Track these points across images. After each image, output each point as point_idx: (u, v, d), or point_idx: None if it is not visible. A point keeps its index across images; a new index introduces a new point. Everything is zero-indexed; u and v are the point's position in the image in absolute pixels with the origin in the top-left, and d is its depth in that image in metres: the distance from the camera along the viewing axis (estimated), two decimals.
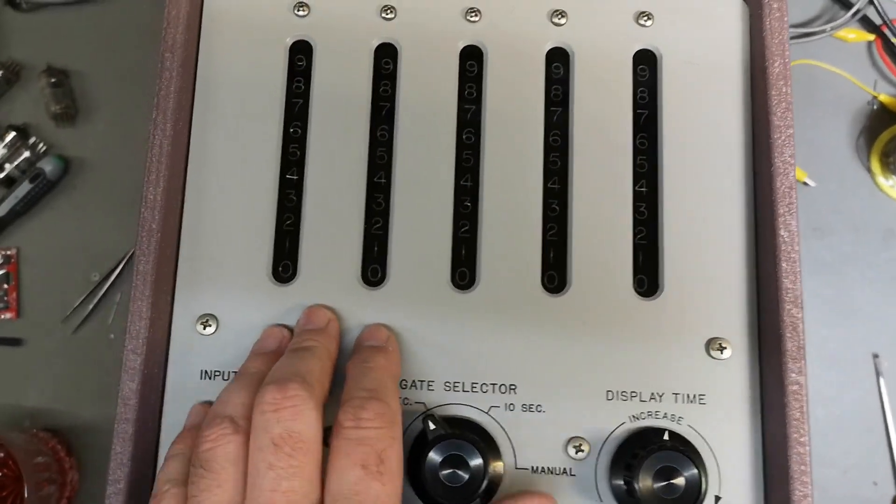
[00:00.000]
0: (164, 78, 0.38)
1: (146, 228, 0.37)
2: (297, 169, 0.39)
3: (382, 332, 0.37)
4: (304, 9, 0.40)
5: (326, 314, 0.37)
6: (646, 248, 0.38)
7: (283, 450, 0.30)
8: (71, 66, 0.58)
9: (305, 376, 0.32)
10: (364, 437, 0.30)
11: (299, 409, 0.30)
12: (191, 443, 0.33)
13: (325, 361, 0.34)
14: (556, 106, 0.40)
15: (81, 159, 0.56)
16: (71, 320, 0.54)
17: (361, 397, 0.32)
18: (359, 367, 0.34)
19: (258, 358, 0.36)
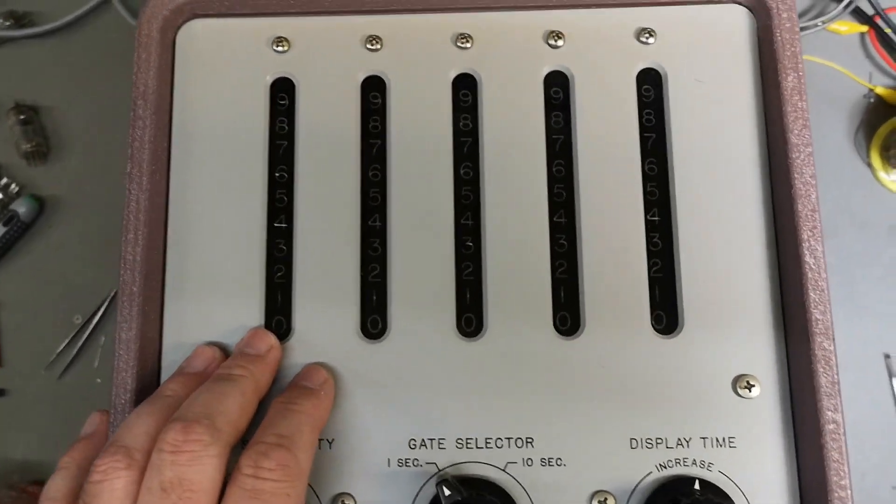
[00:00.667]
0: (136, 127, 0.35)
1: (126, 291, 0.34)
2: (285, 216, 0.37)
3: (320, 373, 0.34)
4: (284, 43, 0.38)
5: (269, 340, 0.34)
6: (662, 282, 0.36)
7: (169, 497, 0.28)
8: (40, 101, 0.55)
9: (216, 418, 0.30)
10: (259, 488, 0.28)
11: (198, 455, 0.29)
12: (79, 456, 0.32)
13: (247, 397, 0.32)
14: (557, 134, 0.37)
15: (56, 198, 0.54)
16: (55, 366, 0.52)
17: (268, 443, 0.30)
18: (280, 407, 0.32)
19: (179, 379, 0.33)
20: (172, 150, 0.37)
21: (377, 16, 0.38)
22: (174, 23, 0.38)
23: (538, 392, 0.35)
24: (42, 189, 0.54)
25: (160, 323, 0.35)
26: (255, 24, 0.38)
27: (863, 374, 0.52)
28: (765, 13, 0.37)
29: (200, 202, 0.36)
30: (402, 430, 0.34)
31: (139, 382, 0.34)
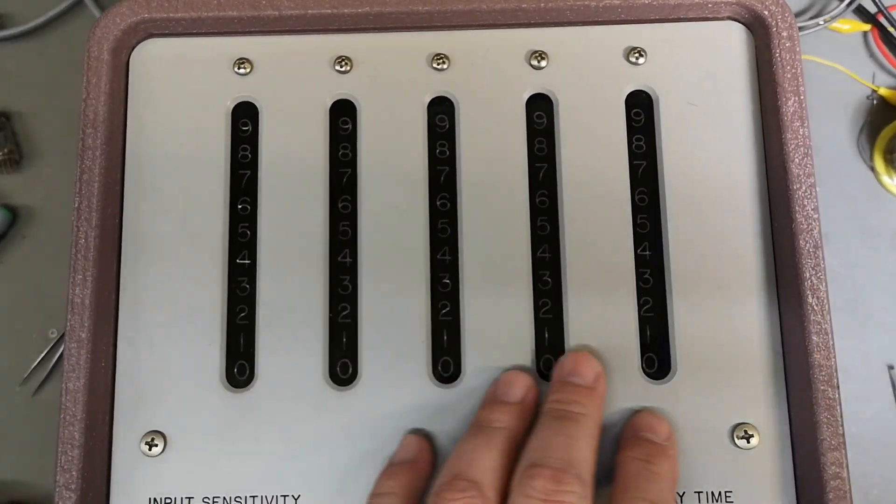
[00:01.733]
0: (86, 158, 0.33)
1: (74, 337, 0.32)
2: (248, 252, 0.34)
3: (664, 426, 0.32)
4: (246, 65, 0.35)
5: (595, 366, 0.32)
6: (653, 323, 0.33)
7: None
8: (11, 107, 0.52)
9: (581, 467, 0.28)
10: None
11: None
12: (405, 481, 0.30)
13: (594, 440, 0.30)
14: (541, 161, 0.35)
15: (29, 208, 0.52)
16: (30, 382, 0.49)
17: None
18: (640, 466, 0.30)
19: (501, 408, 0.31)
20: (126, 181, 0.34)
21: (347, 35, 0.35)
22: (127, 43, 0.35)
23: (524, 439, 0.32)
24: (14, 198, 0.51)
25: (112, 371, 0.32)
26: (216, 43, 0.35)
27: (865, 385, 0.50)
28: (763, 30, 0.34)
29: (156, 238, 0.34)
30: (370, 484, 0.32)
31: (88, 437, 0.31)
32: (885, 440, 0.50)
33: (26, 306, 0.51)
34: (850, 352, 0.51)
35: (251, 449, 0.32)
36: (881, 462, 0.50)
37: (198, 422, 0.32)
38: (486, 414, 0.31)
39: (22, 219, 0.52)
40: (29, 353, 0.50)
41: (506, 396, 0.32)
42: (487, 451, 0.29)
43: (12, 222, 0.51)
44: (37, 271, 0.51)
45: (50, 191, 0.52)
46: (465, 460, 0.29)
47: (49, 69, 0.54)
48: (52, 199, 0.52)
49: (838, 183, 0.53)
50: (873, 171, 0.53)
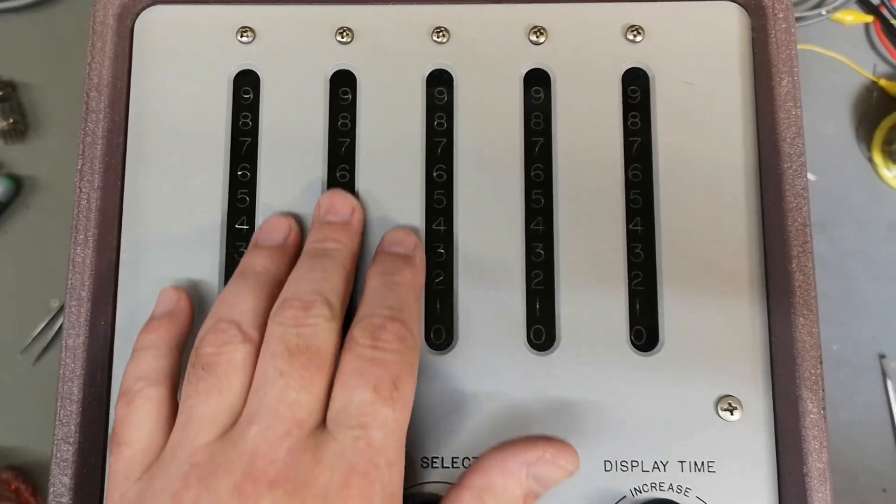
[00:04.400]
0: (89, 121, 0.33)
1: (74, 295, 0.32)
2: (246, 218, 0.35)
3: (411, 237, 0.33)
4: (249, 34, 0.35)
5: (350, 202, 0.33)
6: (643, 296, 0.34)
7: (297, 359, 0.28)
8: (17, 77, 0.54)
9: (329, 295, 0.30)
10: (380, 358, 0.28)
11: (322, 328, 0.29)
12: (165, 335, 0.31)
13: (347, 270, 0.32)
14: (537, 136, 0.35)
15: (34, 178, 0.53)
16: (31, 351, 0.52)
17: (383, 315, 0.29)
18: (382, 279, 0.31)
19: (262, 253, 0.32)
20: (128, 145, 0.35)
21: (349, 6, 0.36)
22: (132, 9, 0.35)
23: (507, 409, 0.33)
24: (19, 168, 0.53)
25: (111, 330, 0.33)
26: (220, 12, 0.36)
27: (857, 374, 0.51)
28: (760, 13, 0.35)
29: (157, 201, 0.34)
30: None
31: (86, 392, 0.32)
32: (874, 428, 0.51)
33: (29, 276, 0.52)
34: (843, 341, 0.51)
35: None
36: (870, 450, 0.50)
37: None
38: (248, 260, 0.32)
39: (26, 189, 0.53)
40: (30, 322, 0.51)
41: (266, 241, 0.33)
42: (247, 293, 0.30)
43: (17, 192, 0.52)
44: (40, 241, 0.52)
45: (54, 161, 0.53)
46: (226, 305, 0.30)
47: (55, 40, 0.54)
48: (57, 170, 0.53)
49: (836, 173, 0.53)
50: (871, 162, 0.53)
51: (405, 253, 0.33)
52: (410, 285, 0.32)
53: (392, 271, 0.32)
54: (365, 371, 0.28)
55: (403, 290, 0.31)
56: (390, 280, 0.31)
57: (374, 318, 0.29)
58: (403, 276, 0.32)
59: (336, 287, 0.30)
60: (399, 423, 0.28)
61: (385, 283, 0.31)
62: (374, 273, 0.32)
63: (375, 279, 0.31)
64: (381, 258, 0.33)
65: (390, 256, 0.33)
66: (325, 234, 0.32)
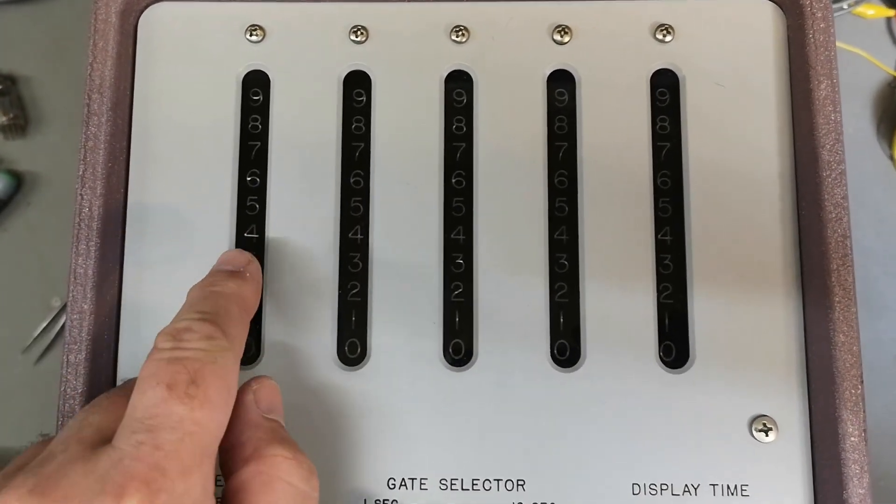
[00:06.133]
0: (91, 124, 0.32)
1: (76, 308, 0.31)
2: (256, 226, 0.33)
3: (244, 255, 0.31)
4: (258, 32, 0.34)
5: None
6: (672, 310, 0.32)
7: (111, 393, 0.28)
8: (17, 71, 0.53)
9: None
10: (178, 357, 0.25)
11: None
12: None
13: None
14: (560, 140, 0.34)
15: (35, 174, 0.52)
16: (32, 350, 0.50)
17: (190, 318, 0.27)
18: (200, 290, 0.29)
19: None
20: (132, 150, 0.33)
21: (363, 3, 0.34)
22: (136, 6, 0.34)
23: (531, 429, 0.31)
24: (19, 164, 0.52)
25: (115, 345, 0.32)
26: (228, 8, 0.34)
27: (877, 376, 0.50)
28: (797, 11, 0.33)
29: (162, 209, 0.33)
30: (380, 468, 0.31)
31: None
32: (893, 431, 0.50)
33: (30, 274, 0.51)
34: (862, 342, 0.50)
35: None
36: (890, 453, 0.49)
37: None
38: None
39: (27, 185, 0.52)
40: (32, 320, 0.50)
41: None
42: None
43: (17, 188, 0.51)
44: (41, 238, 0.51)
45: (55, 157, 0.52)
46: None
47: (56, 33, 0.53)
48: (58, 166, 0.52)
49: (856, 171, 0.52)
50: (893, 160, 0.52)
51: (234, 270, 0.31)
52: (233, 294, 0.29)
53: (213, 283, 0.29)
54: (159, 370, 0.25)
55: (223, 298, 0.28)
56: (209, 290, 0.29)
57: (179, 322, 0.27)
58: (226, 286, 0.29)
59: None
60: (200, 425, 0.24)
61: (202, 294, 0.29)
62: (194, 287, 0.29)
63: (193, 291, 0.29)
64: (207, 276, 0.31)
65: (215, 272, 0.31)
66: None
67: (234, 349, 0.27)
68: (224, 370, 0.26)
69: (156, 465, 0.23)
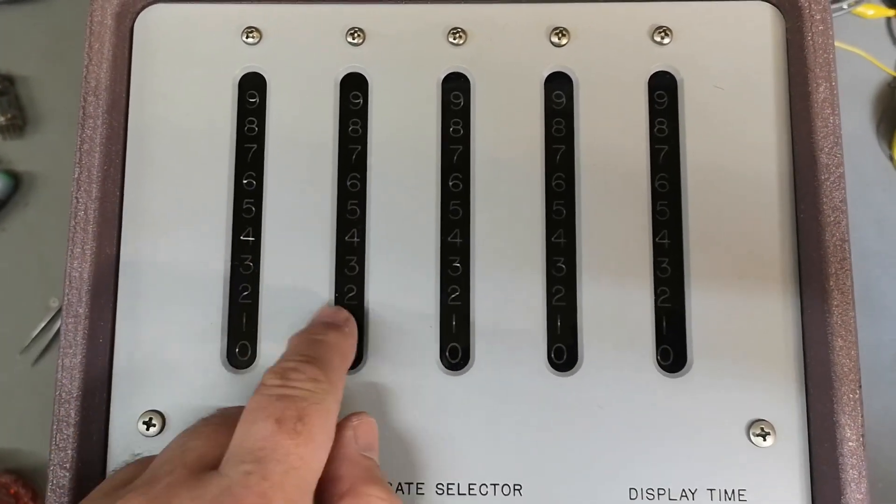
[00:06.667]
0: (86, 127, 0.32)
1: (71, 312, 0.31)
2: (252, 229, 0.33)
3: (342, 313, 0.32)
4: (255, 34, 0.34)
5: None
6: (670, 314, 0.32)
7: (211, 419, 0.29)
8: (15, 71, 0.53)
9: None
10: (287, 394, 0.26)
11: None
12: None
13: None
14: (558, 143, 0.33)
15: (32, 174, 0.53)
16: (30, 351, 0.51)
17: (297, 360, 0.28)
18: (303, 337, 0.30)
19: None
20: (128, 153, 0.33)
21: (360, 5, 0.34)
22: (132, 8, 0.34)
23: (528, 434, 0.31)
24: (17, 164, 0.52)
25: (110, 348, 0.32)
26: (224, 10, 0.34)
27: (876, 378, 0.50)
28: (795, 13, 0.33)
29: (158, 212, 0.33)
30: None
31: (84, 415, 0.30)
32: (893, 433, 0.49)
33: (28, 274, 0.51)
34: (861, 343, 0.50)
35: None
36: (888, 455, 0.49)
37: (197, 402, 0.32)
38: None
39: (25, 185, 0.52)
40: (30, 321, 0.51)
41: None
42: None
43: (15, 189, 0.51)
44: (39, 239, 0.51)
45: (53, 157, 0.52)
46: None
47: (54, 33, 0.53)
48: (56, 166, 0.52)
49: (855, 171, 0.52)
50: (892, 160, 0.52)
51: (335, 323, 0.31)
52: (334, 345, 0.30)
53: (315, 332, 0.30)
54: (268, 405, 0.26)
55: (324, 346, 0.29)
56: (312, 338, 0.30)
57: (287, 362, 0.28)
58: (327, 336, 0.30)
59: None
60: (304, 461, 0.25)
61: (306, 340, 0.30)
62: (296, 335, 0.30)
63: (296, 338, 0.30)
64: (307, 326, 0.32)
65: (316, 324, 0.32)
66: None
67: (336, 393, 0.28)
68: (328, 411, 0.27)
69: (262, 494, 0.24)
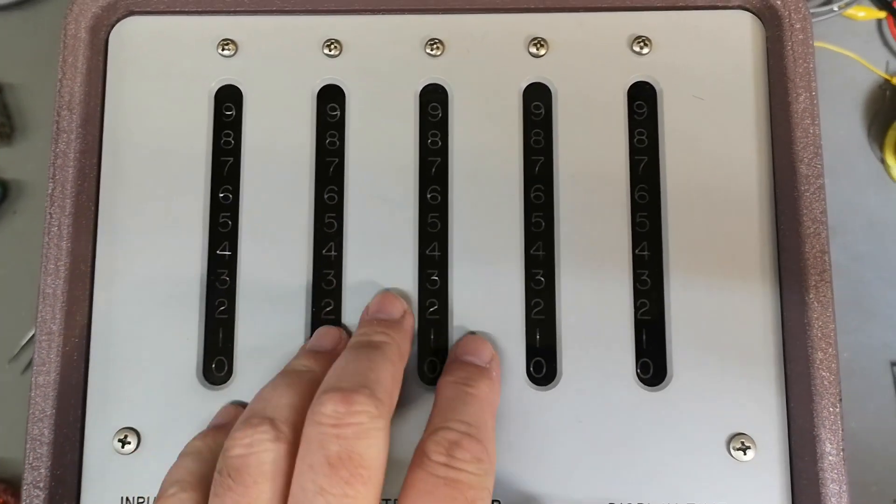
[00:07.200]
0: (60, 141, 0.31)
1: (45, 329, 0.30)
2: (228, 243, 0.33)
3: (487, 349, 0.31)
4: (231, 46, 0.33)
5: (402, 304, 0.31)
6: (650, 327, 0.32)
7: (339, 473, 0.24)
8: (4, 79, 0.52)
9: (375, 387, 0.26)
10: (455, 478, 0.25)
11: (365, 428, 0.25)
12: (211, 442, 0.29)
13: (396, 365, 0.29)
14: (537, 154, 0.33)
15: (21, 182, 0.52)
16: (19, 360, 0.49)
17: (459, 431, 0.27)
18: (457, 389, 0.29)
19: (309, 355, 0.30)
20: (102, 167, 0.33)
21: (337, 16, 0.34)
22: (106, 21, 0.33)
23: (505, 448, 0.31)
24: (6, 172, 0.51)
25: (85, 365, 0.31)
26: (200, 23, 0.34)
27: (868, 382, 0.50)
28: (775, 21, 0.32)
29: (133, 227, 0.32)
30: None
31: (58, 434, 0.30)
32: (885, 437, 0.49)
33: (16, 282, 0.50)
34: (854, 348, 0.50)
35: None
36: (881, 458, 0.49)
37: (173, 419, 0.31)
38: (293, 362, 0.30)
39: (13, 193, 0.51)
40: (19, 330, 0.50)
41: (313, 347, 0.31)
42: (286, 390, 0.28)
43: (3, 197, 0.50)
44: (27, 247, 0.50)
45: (42, 165, 0.51)
46: (261, 401, 0.28)
47: (43, 40, 0.53)
48: (44, 174, 0.50)
49: (847, 175, 0.52)
50: (884, 163, 0.51)
51: (481, 364, 0.30)
52: (487, 400, 0.29)
53: (467, 381, 0.29)
54: (437, 491, 0.25)
55: (480, 404, 0.28)
56: (465, 391, 0.29)
57: (450, 432, 0.26)
58: (479, 388, 0.29)
59: (382, 380, 0.27)
60: None
61: (460, 394, 0.28)
62: (448, 382, 0.29)
63: (449, 388, 0.29)
64: (455, 366, 0.30)
65: (465, 365, 0.30)
66: (373, 328, 0.30)
67: (494, 471, 0.27)
68: (489, 497, 0.26)
69: None
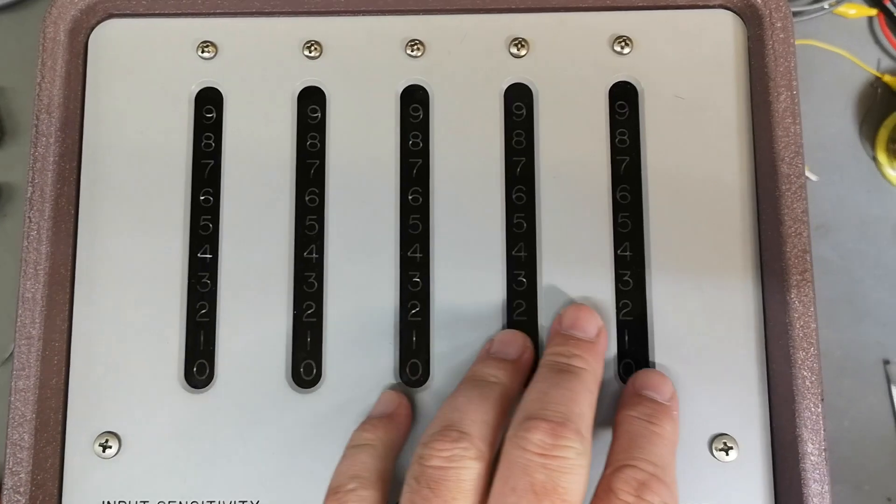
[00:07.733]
0: (39, 146, 0.31)
1: (24, 334, 0.30)
2: (209, 246, 0.33)
3: (668, 385, 0.30)
4: (211, 48, 0.33)
5: (597, 320, 0.31)
6: (632, 327, 0.32)
7: (542, 502, 0.25)
8: None
9: (580, 422, 0.27)
10: None
11: (571, 464, 0.25)
12: (384, 434, 0.29)
13: (594, 395, 0.29)
14: (518, 155, 0.33)
15: (11, 185, 0.51)
16: (10, 364, 0.48)
17: (647, 472, 0.26)
18: (642, 425, 0.28)
19: (496, 364, 0.30)
20: (82, 171, 0.33)
21: (317, 18, 0.34)
22: (86, 24, 0.33)
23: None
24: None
25: (65, 370, 0.31)
26: (179, 25, 0.34)
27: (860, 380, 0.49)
28: (756, 20, 0.32)
29: (114, 230, 0.32)
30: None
31: (38, 438, 0.30)
32: (878, 435, 0.49)
33: (7, 286, 0.50)
34: (846, 346, 0.50)
35: (209, 452, 0.31)
36: (874, 458, 0.49)
37: (154, 423, 0.31)
38: (481, 368, 0.30)
39: (3, 196, 0.51)
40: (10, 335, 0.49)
41: (499, 354, 0.30)
42: (481, 403, 0.28)
43: None
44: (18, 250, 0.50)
45: None
46: (458, 412, 0.27)
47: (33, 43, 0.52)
48: None
49: (838, 173, 0.51)
50: (875, 161, 0.51)
51: (663, 402, 0.30)
52: (671, 441, 0.28)
53: (651, 418, 0.29)
54: None
55: (666, 445, 0.28)
56: (650, 429, 0.28)
57: (638, 472, 0.26)
58: (664, 427, 0.28)
59: (585, 414, 0.27)
60: None
61: (644, 432, 0.28)
62: (631, 416, 0.29)
63: (634, 424, 0.28)
64: (636, 400, 0.29)
65: (648, 401, 0.29)
66: (571, 351, 0.29)
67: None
68: None
69: None
